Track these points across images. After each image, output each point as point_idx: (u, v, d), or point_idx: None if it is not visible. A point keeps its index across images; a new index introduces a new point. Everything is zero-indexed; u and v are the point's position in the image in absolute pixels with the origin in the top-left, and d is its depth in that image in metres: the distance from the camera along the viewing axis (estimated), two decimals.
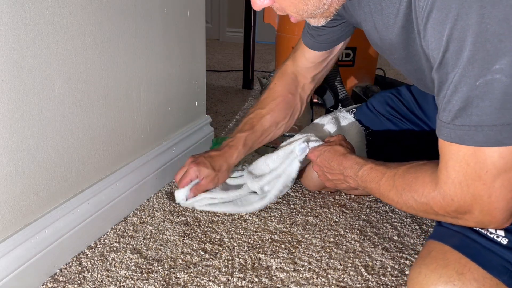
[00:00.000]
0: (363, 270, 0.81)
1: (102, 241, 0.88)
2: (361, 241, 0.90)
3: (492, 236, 0.62)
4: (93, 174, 0.88)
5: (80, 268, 0.80)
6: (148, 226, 0.94)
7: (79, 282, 0.76)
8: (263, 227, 0.95)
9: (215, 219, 0.97)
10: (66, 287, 0.75)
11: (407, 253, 0.86)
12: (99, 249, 0.86)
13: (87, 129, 0.84)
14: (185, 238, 0.89)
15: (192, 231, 0.92)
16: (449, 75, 0.55)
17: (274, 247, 0.87)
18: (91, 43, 0.81)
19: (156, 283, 0.76)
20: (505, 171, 0.54)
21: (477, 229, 0.63)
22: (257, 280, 0.77)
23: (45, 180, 0.76)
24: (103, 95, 0.87)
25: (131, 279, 0.77)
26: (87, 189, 0.86)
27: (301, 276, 0.79)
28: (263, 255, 0.85)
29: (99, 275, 0.78)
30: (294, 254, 0.85)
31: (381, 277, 0.79)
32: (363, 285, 0.77)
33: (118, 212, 0.95)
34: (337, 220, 0.98)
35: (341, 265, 0.82)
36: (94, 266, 0.80)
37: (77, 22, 0.77)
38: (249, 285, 0.76)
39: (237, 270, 0.80)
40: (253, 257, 0.84)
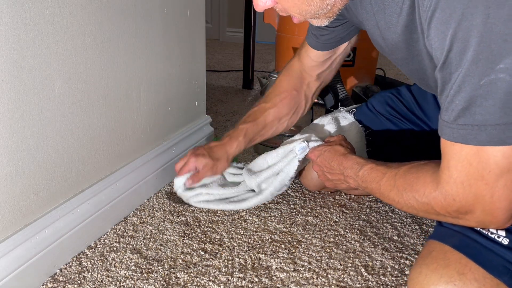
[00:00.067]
0: (363, 270, 0.81)
1: (102, 241, 0.88)
2: (361, 241, 0.90)
3: (493, 236, 0.62)
4: (93, 174, 0.88)
5: (80, 268, 0.80)
6: (148, 226, 0.94)
7: (79, 282, 0.76)
8: (263, 227, 0.95)
9: (215, 219, 0.97)
10: (66, 287, 0.75)
11: (407, 253, 0.86)
12: (99, 249, 0.85)
13: (87, 129, 0.84)
14: (185, 238, 0.89)
15: (192, 231, 0.92)
16: (452, 75, 0.55)
17: (274, 247, 0.87)
18: (91, 43, 0.81)
19: (156, 283, 0.76)
20: (508, 171, 0.54)
21: (478, 229, 0.63)
22: (257, 280, 0.77)
23: (45, 180, 0.76)
24: (103, 95, 0.87)
25: (131, 279, 0.77)
26: (87, 189, 0.86)
27: (301, 276, 0.79)
28: (263, 255, 0.84)
29: (99, 275, 0.78)
30: (294, 254, 0.85)
31: (381, 277, 0.79)
32: (363, 285, 0.77)
33: (118, 212, 0.95)
34: (337, 220, 0.98)
35: (341, 265, 0.82)
36: (94, 266, 0.80)
37: (77, 22, 0.77)
38: (249, 285, 0.76)
39: (237, 270, 0.80)
40: (253, 257, 0.84)
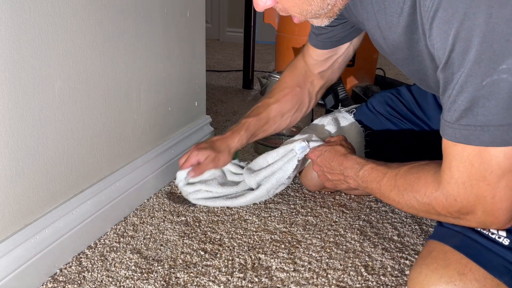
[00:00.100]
0: (363, 270, 0.81)
1: (102, 241, 0.88)
2: (361, 241, 0.90)
3: (493, 236, 0.62)
4: (93, 174, 0.88)
5: (80, 268, 0.80)
6: (148, 226, 0.94)
7: (79, 282, 0.76)
8: (263, 227, 0.95)
9: (215, 219, 0.97)
10: (66, 287, 0.75)
11: (407, 253, 0.86)
12: (99, 249, 0.85)
13: (87, 129, 0.84)
14: (185, 238, 0.89)
15: (192, 231, 0.92)
16: (455, 75, 0.55)
17: (274, 247, 0.87)
18: (91, 43, 0.81)
19: (156, 283, 0.76)
20: (509, 172, 0.54)
21: (479, 229, 0.63)
22: (257, 280, 0.77)
23: (45, 180, 0.76)
24: (103, 95, 0.87)
25: (131, 279, 0.77)
26: (87, 189, 0.86)
27: (301, 276, 0.79)
28: (263, 255, 0.84)
29: (99, 275, 0.78)
30: (294, 254, 0.85)
31: (381, 277, 0.79)
32: (363, 285, 0.77)
33: (118, 212, 0.95)
34: (337, 220, 0.98)
35: (341, 265, 0.82)
36: (94, 266, 0.80)
37: (77, 22, 0.77)
38: (249, 285, 0.76)
39: (237, 270, 0.80)
40: (253, 257, 0.84)
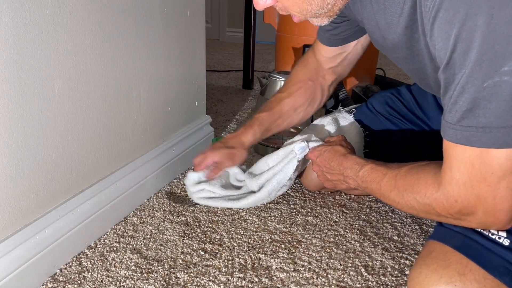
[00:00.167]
0: (363, 270, 0.81)
1: (102, 241, 0.88)
2: (361, 241, 0.90)
3: (494, 237, 0.62)
4: (93, 174, 0.88)
5: (80, 268, 0.80)
6: (148, 226, 0.94)
7: (79, 282, 0.76)
8: (263, 227, 0.95)
9: (215, 219, 0.97)
10: (66, 287, 0.75)
11: (407, 253, 0.86)
12: (99, 249, 0.85)
13: (87, 129, 0.84)
14: (185, 238, 0.89)
15: (192, 231, 0.92)
16: (456, 76, 0.55)
17: (274, 247, 0.87)
18: (91, 43, 0.81)
19: (156, 283, 0.76)
20: (510, 173, 0.54)
21: (479, 230, 0.63)
22: (257, 280, 0.77)
23: (45, 180, 0.76)
24: (103, 95, 0.87)
25: (131, 279, 0.77)
26: (87, 189, 0.86)
27: (301, 276, 0.79)
28: (263, 255, 0.84)
29: (99, 275, 0.78)
30: (294, 254, 0.85)
31: (381, 277, 0.79)
32: (363, 285, 0.77)
33: (118, 212, 0.95)
34: (337, 220, 0.98)
35: (341, 265, 0.82)
36: (94, 266, 0.80)
37: (77, 22, 0.77)
38: (249, 285, 0.76)
39: (237, 270, 0.80)
40: (253, 257, 0.84)
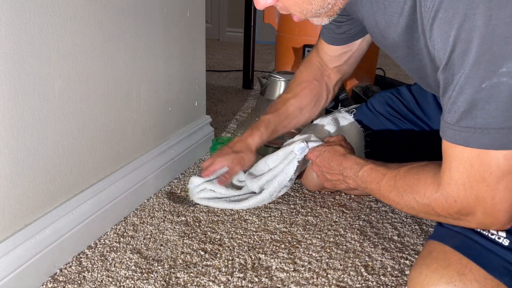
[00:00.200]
0: (363, 270, 0.81)
1: (102, 241, 0.88)
2: (361, 241, 0.90)
3: (493, 237, 0.62)
4: (93, 174, 0.88)
5: (80, 268, 0.80)
6: (148, 226, 0.94)
7: (79, 282, 0.76)
8: (263, 227, 0.95)
9: (215, 219, 0.97)
10: (66, 287, 0.75)
11: (407, 253, 0.86)
12: (99, 249, 0.85)
13: (87, 129, 0.84)
14: (185, 238, 0.89)
15: (192, 231, 0.92)
16: (455, 76, 0.55)
17: (274, 247, 0.87)
18: (91, 43, 0.81)
19: (156, 283, 0.76)
20: (509, 173, 0.54)
21: (479, 230, 0.63)
22: (257, 280, 0.77)
23: (45, 180, 0.76)
24: (103, 95, 0.87)
25: (131, 279, 0.77)
26: (87, 189, 0.86)
27: (301, 276, 0.79)
28: (263, 255, 0.84)
29: (99, 275, 0.78)
30: (294, 254, 0.85)
31: (381, 277, 0.79)
32: (363, 285, 0.77)
33: (118, 212, 0.95)
34: (337, 220, 0.98)
35: (341, 265, 0.82)
36: (94, 266, 0.80)
37: (77, 22, 0.77)
38: (249, 285, 0.76)
39: (237, 270, 0.80)
40: (253, 257, 0.84)
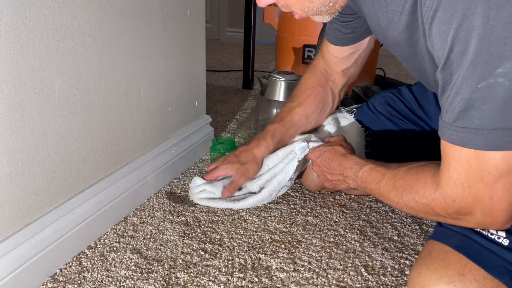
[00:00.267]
0: (363, 270, 0.81)
1: (102, 241, 0.88)
2: (361, 241, 0.90)
3: (493, 237, 0.62)
4: (93, 174, 0.88)
5: (80, 268, 0.80)
6: (148, 226, 0.94)
7: (79, 282, 0.76)
8: (263, 227, 0.95)
9: (215, 219, 0.97)
10: (66, 287, 0.75)
11: (407, 253, 0.86)
12: (99, 249, 0.85)
13: (87, 129, 0.84)
14: (185, 238, 0.89)
15: (192, 231, 0.92)
16: (453, 76, 0.55)
17: (274, 247, 0.87)
18: (91, 43, 0.81)
19: (156, 283, 0.76)
20: (507, 173, 0.54)
21: (478, 230, 0.63)
22: (257, 280, 0.77)
23: (45, 180, 0.76)
24: (103, 95, 0.87)
25: (131, 279, 0.77)
26: (87, 189, 0.86)
27: (301, 276, 0.79)
28: (263, 255, 0.84)
29: (99, 275, 0.78)
30: (294, 254, 0.85)
31: (381, 277, 0.79)
32: (363, 285, 0.77)
33: (118, 212, 0.95)
34: (337, 220, 0.98)
35: (341, 265, 0.82)
36: (94, 266, 0.80)
37: (77, 22, 0.77)
38: (249, 285, 0.76)
39: (237, 270, 0.80)
40: (253, 257, 0.84)
